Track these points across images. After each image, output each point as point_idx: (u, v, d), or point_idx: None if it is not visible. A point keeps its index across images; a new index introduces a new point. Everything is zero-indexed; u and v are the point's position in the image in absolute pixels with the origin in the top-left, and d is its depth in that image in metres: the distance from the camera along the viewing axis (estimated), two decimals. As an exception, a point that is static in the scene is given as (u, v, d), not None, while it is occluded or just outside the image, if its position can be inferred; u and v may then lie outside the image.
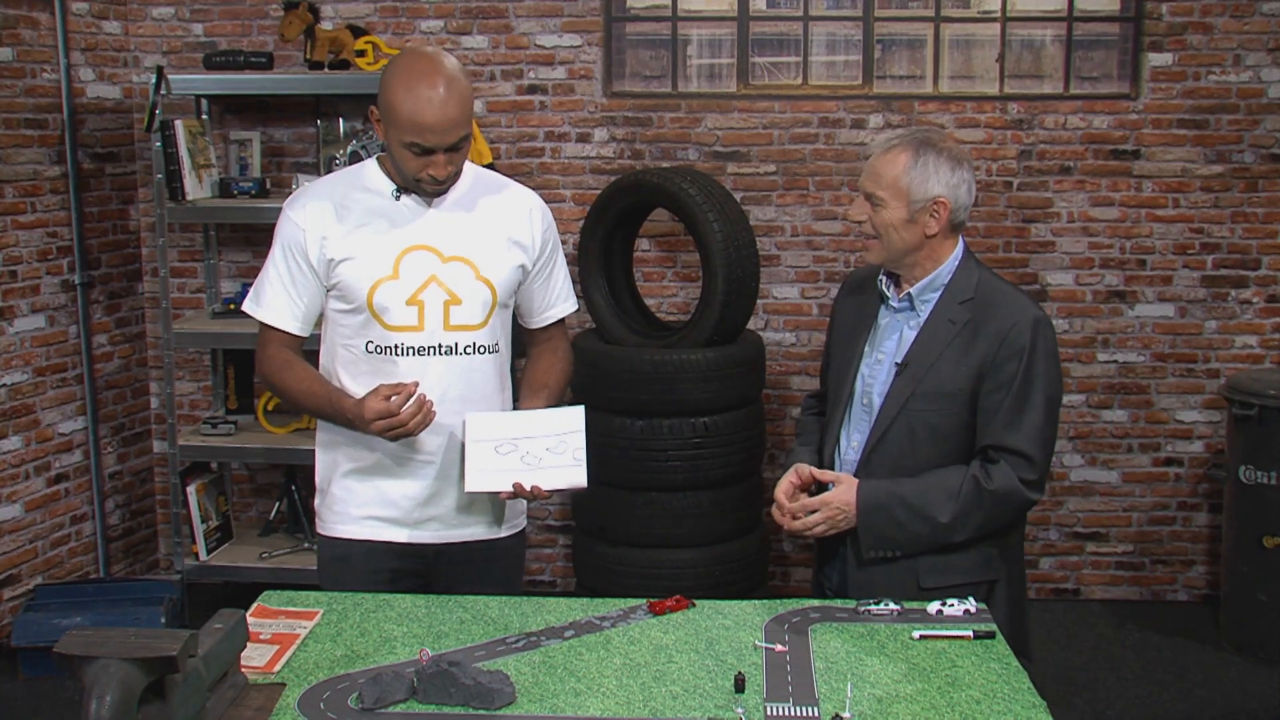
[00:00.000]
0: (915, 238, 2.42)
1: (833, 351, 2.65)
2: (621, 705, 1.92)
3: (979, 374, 2.38)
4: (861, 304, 2.59)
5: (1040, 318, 2.40)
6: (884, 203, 2.41)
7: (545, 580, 5.00)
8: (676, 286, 4.82)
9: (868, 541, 2.39)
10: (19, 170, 4.30)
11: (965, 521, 2.36)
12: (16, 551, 4.33)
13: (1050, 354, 2.40)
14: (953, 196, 2.40)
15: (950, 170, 2.39)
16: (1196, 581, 4.86)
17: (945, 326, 2.42)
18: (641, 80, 4.78)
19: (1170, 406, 4.78)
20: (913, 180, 2.39)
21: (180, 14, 4.78)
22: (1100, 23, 4.66)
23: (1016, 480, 2.36)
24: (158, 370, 4.91)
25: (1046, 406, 2.39)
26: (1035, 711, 1.91)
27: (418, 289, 2.44)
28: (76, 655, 1.63)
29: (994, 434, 2.37)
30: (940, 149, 2.41)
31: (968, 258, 2.48)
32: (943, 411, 2.40)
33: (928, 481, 2.38)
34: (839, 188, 4.71)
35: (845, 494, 2.40)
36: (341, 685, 1.97)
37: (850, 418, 2.52)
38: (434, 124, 2.31)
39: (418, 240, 2.45)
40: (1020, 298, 2.44)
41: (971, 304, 2.42)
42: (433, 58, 2.36)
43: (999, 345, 2.37)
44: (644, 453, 4.02)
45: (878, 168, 2.42)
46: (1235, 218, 4.65)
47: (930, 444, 2.41)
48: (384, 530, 2.52)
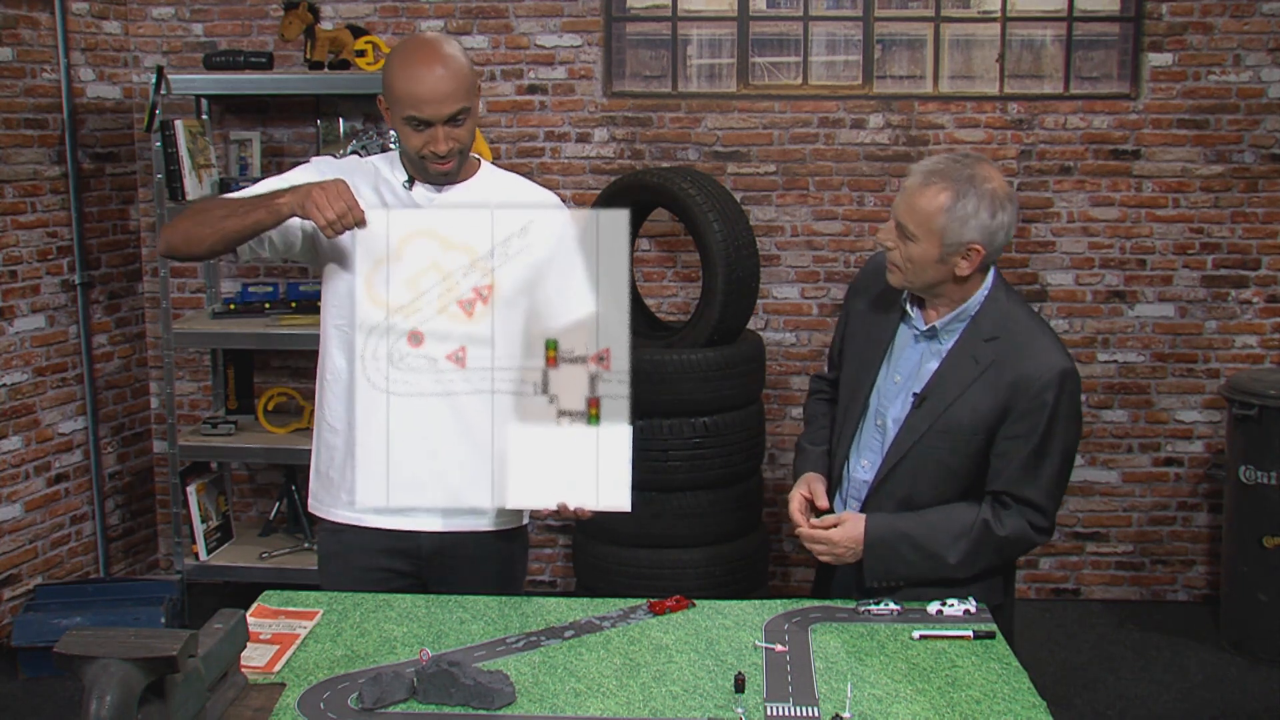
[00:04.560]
0: (944, 275, 2.33)
1: (846, 351, 2.58)
2: (621, 705, 1.92)
3: (998, 420, 2.32)
4: (880, 308, 2.50)
5: (1067, 370, 2.31)
6: (916, 238, 2.31)
7: (545, 580, 5.00)
8: (676, 286, 4.82)
9: (872, 575, 2.36)
10: (19, 170, 4.30)
11: (973, 563, 2.33)
12: (16, 551, 4.33)
13: (1073, 409, 2.33)
14: (989, 242, 2.29)
15: (990, 215, 2.27)
16: (1196, 581, 4.86)
17: (968, 364, 2.34)
18: (641, 80, 4.78)
19: (1170, 406, 4.78)
20: (948, 223, 2.27)
21: (180, 14, 4.78)
22: (1100, 23, 4.66)
23: (1027, 526, 2.33)
24: (158, 370, 4.91)
25: (1064, 459, 2.33)
26: (1035, 711, 1.91)
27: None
28: (76, 655, 1.63)
29: (1008, 481, 2.32)
30: (983, 191, 2.28)
31: (997, 289, 2.38)
32: (957, 451, 2.35)
33: (936, 521, 2.34)
34: (839, 188, 4.72)
35: (852, 530, 2.36)
36: (341, 685, 1.97)
37: (861, 435, 2.48)
38: (428, 95, 2.33)
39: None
40: (1048, 345, 2.34)
41: (997, 344, 2.33)
42: (430, 39, 2.41)
43: (1022, 396, 2.29)
44: (644, 453, 4.00)
45: (915, 201, 2.30)
46: (1235, 218, 4.65)
47: (942, 480, 2.37)
48: (375, 518, 2.51)
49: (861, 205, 4.72)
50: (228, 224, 2.36)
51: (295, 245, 2.51)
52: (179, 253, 2.46)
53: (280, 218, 2.35)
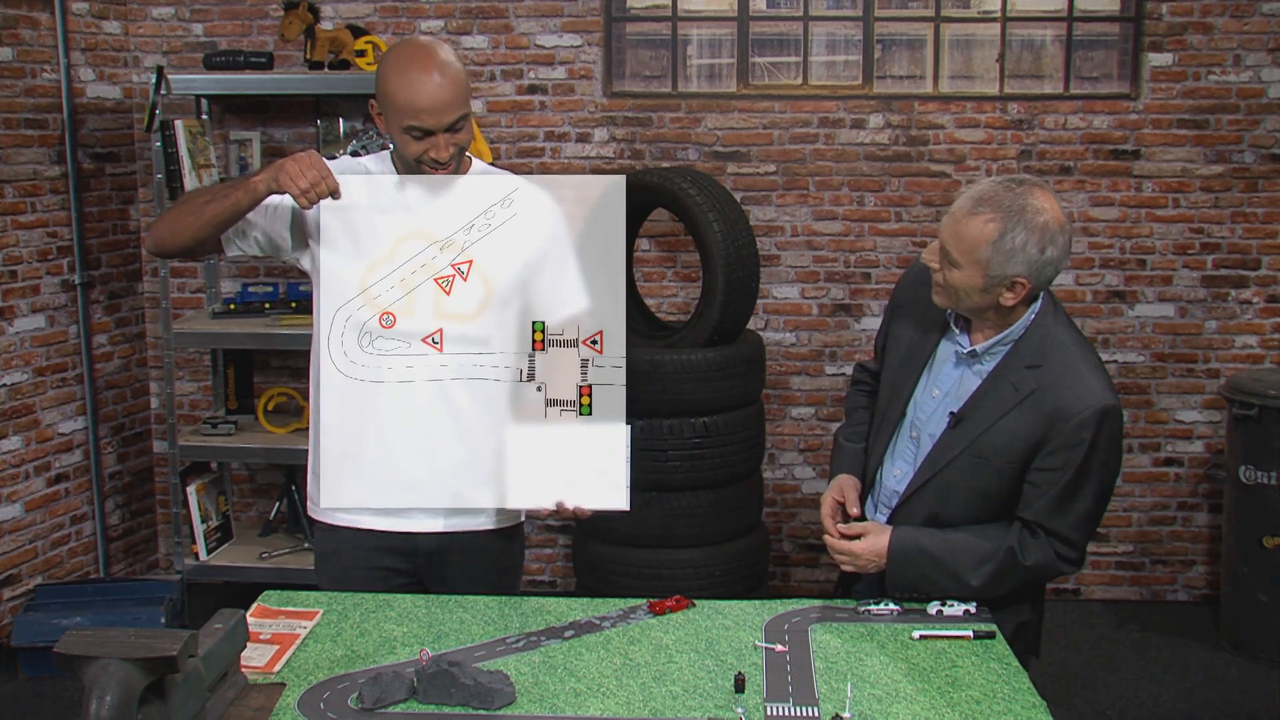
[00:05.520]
0: (988, 303, 2.26)
1: (889, 350, 2.52)
2: (621, 705, 1.92)
3: (1033, 449, 2.25)
4: (926, 314, 2.42)
5: (1109, 408, 2.22)
6: (959, 265, 2.23)
7: (545, 580, 5.00)
8: (676, 286, 4.82)
9: (894, 586, 2.34)
10: (19, 170, 4.30)
11: (996, 587, 2.30)
12: (16, 551, 4.33)
13: (1114, 446, 2.26)
14: (1035, 277, 2.21)
15: (1039, 250, 2.18)
16: (1196, 581, 4.86)
17: (1008, 390, 2.27)
18: (641, 80, 4.78)
19: (1170, 406, 4.78)
20: (993, 256, 2.18)
21: (180, 14, 4.78)
22: (1100, 23, 4.66)
23: (1055, 557, 2.29)
24: (158, 370, 4.91)
25: (1098, 495, 2.28)
26: (1035, 711, 1.91)
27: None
28: (76, 655, 1.63)
29: (1038, 512, 2.26)
30: (1034, 224, 2.18)
31: (1044, 315, 2.30)
32: (990, 476, 2.30)
33: (961, 543, 2.30)
34: (839, 188, 4.72)
35: (876, 543, 2.34)
36: (341, 685, 1.97)
37: (897, 443, 2.45)
38: (429, 105, 2.31)
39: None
40: (1091, 378, 2.24)
41: (1039, 372, 2.25)
42: (424, 44, 2.38)
43: (1059, 430, 2.22)
44: (644, 453, 4.01)
45: (961, 230, 2.21)
46: (1235, 218, 4.65)
47: (972, 501, 2.33)
48: (373, 520, 2.48)
49: (861, 205, 4.72)
50: (208, 210, 2.35)
51: (285, 240, 2.47)
52: (166, 246, 2.42)
53: (257, 195, 2.32)
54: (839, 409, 4.69)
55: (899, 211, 4.71)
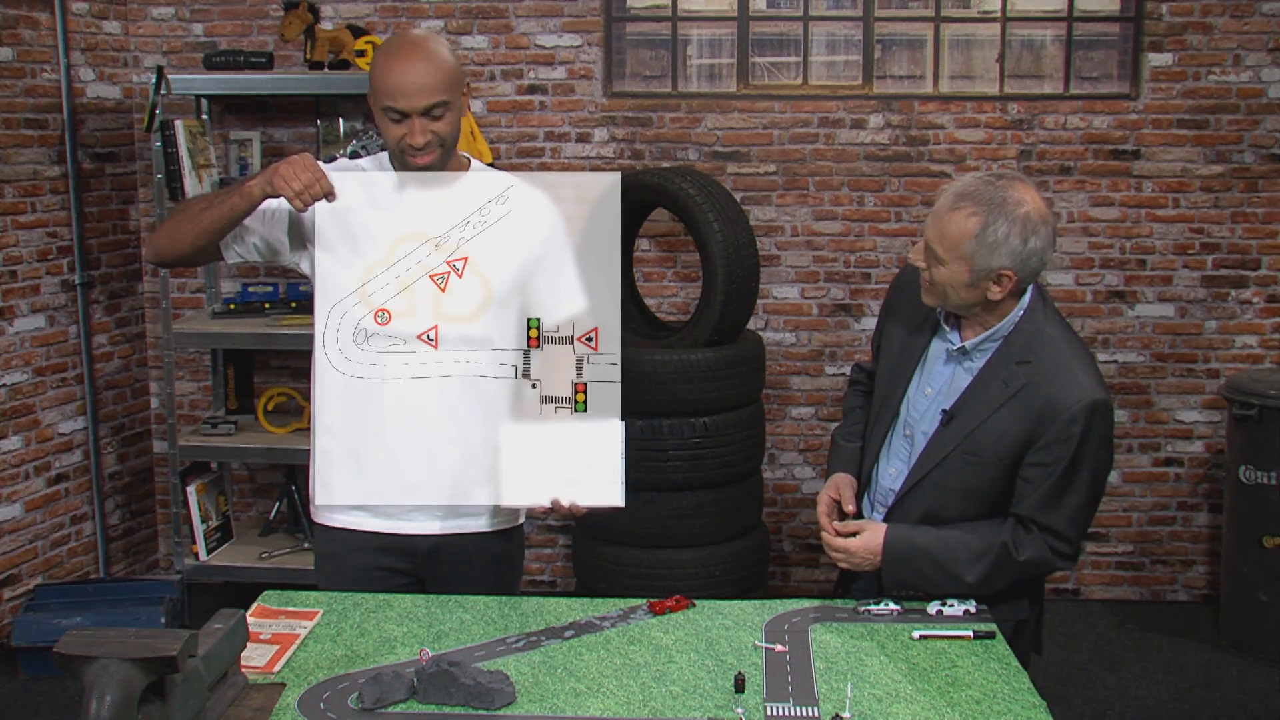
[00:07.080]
0: (976, 298, 2.28)
1: (883, 350, 2.54)
2: (621, 705, 1.92)
3: (1024, 445, 2.26)
4: (918, 313, 2.44)
5: (1098, 402, 2.23)
6: (945, 262, 2.26)
7: (545, 580, 5.00)
8: (676, 286, 4.83)
9: (890, 584, 2.35)
10: (19, 170, 4.30)
11: (991, 583, 2.31)
12: (16, 551, 4.33)
13: (1104, 440, 2.27)
14: (1020, 268, 2.23)
15: (1022, 241, 2.20)
16: (1196, 581, 4.86)
17: (998, 386, 2.28)
18: (641, 80, 4.78)
19: (1170, 406, 4.78)
20: (977, 250, 2.21)
21: (180, 14, 4.79)
22: (1100, 23, 4.66)
23: (1048, 552, 2.29)
24: (158, 370, 4.91)
25: (1090, 489, 2.29)
26: (1035, 711, 1.91)
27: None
28: (76, 655, 1.63)
29: (1031, 507, 2.28)
30: (1015, 216, 2.20)
31: (1033, 310, 2.32)
32: (983, 473, 2.31)
33: (956, 539, 2.31)
34: (839, 188, 4.72)
35: (870, 541, 2.35)
36: (341, 685, 1.97)
37: (891, 442, 2.46)
38: (402, 86, 2.31)
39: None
40: (1080, 373, 2.26)
41: (1028, 368, 2.27)
42: (415, 35, 2.40)
43: (1049, 425, 2.23)
44: (644, 453, 4.01)
45: (944, 225, 2.25)
46: (1235, 218, 4.65)
47: (967, 498, 2.34)
48: (372, 521, 2.48)
49: (861, 205, 4.72)
50: (205, 217, 2.36)
51: (283, 244, 2.47)
52: (166, 256, 2.44)
53: (253, 199, 2.33)
54: (839, 409, 4.69)
55: (899, 211, 4.72)
